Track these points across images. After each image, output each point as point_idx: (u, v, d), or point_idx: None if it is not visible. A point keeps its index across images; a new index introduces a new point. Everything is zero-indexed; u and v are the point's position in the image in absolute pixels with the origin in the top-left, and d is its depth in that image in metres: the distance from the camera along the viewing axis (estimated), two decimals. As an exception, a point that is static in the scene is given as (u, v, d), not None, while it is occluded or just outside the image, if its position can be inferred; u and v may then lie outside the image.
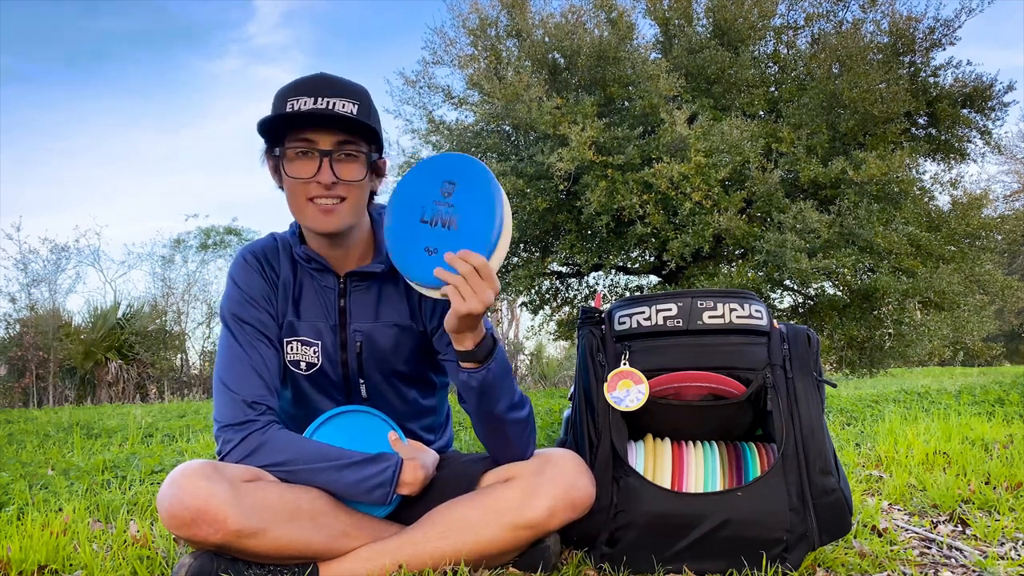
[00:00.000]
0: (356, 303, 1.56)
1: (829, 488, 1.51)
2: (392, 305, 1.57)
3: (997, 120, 9.34)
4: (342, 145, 1.44)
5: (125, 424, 5.22)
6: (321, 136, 1.43)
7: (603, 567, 1.53)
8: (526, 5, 9.36)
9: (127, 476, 2.78)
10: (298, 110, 1.40)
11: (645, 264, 10.15)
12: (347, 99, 1.42)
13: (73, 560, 1.64)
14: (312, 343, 1.55)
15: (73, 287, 20.51)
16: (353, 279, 1.56)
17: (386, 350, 1.56)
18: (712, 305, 1.57)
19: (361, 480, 1.43)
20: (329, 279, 1.56)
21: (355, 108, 1.42)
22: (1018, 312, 18.67)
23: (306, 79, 1.44)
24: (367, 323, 1.55)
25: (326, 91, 1.41)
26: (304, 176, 1.44)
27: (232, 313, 1.53)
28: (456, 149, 9.57)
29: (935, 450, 2.95)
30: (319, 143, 1.43)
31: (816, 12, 9.66)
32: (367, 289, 1.57)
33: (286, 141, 1.44)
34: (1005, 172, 21.09)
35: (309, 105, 1.40)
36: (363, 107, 1.44)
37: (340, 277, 1.56)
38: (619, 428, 1.56)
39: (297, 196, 1.46)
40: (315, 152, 1.43)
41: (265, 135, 1.47)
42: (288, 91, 1.43)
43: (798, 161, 8.57)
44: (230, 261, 1.69)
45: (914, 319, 8.88)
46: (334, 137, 1.43)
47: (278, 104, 1.43)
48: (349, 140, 1.44)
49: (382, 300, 1.57)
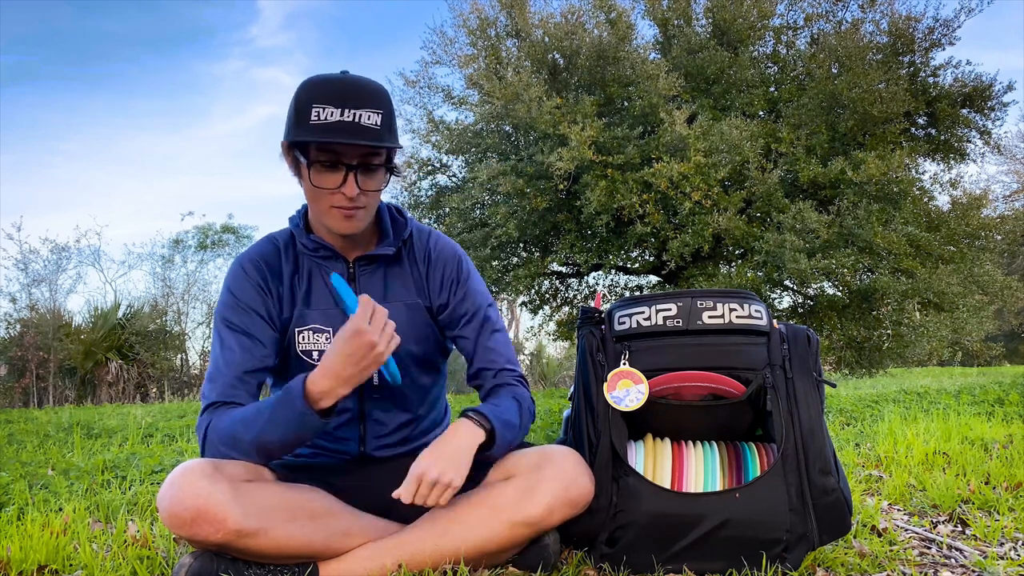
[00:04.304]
0: (364, 286, 1.59)
1: (829, 488, 1.51)
2: (399, 283, 1.61)
3: (996, 120, 9.35)
4: (367, 157, 1.45)
5: (125, 424, 5.22)
6: (347, 149, 1.43)
7: (603, 567, 1.53)
8: (526, 5, 9.36)
9: (127, 476, 2.78)
10: (325, 120, 1.40)
11: (645, 264, 10.16)
12: (372, 110, 1.42)
13: (73, 560, 1.65)
14: (323, 330, 1.57)
15: (73, 287, 20.53)
16: (361, 263, 1.59)
17: (399, 330, 1.57)
18: (712, 305, 1.57)
19: (289, 421, 1.39)
20: (339, 265, 1.59)
21: (379, 119, 1.42)
22: (1017, 312, 18.67)
23: (331, 82, 1.43)
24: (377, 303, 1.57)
25: (352, 100, 1.40)
26: (329, 187, 1.45)
27: (223, 318, 1.54)
28: (456, 149, 9.58)
29: (935, 450, 2.95)
30: (344, 158, 1.44)
31: (815, 12, 9.67)
32: (374, 271, 1.60)
33: (311, 150, 1.45)
34: (1005, 172, 21.13)
35: (336, 116, 1.39)
36: (386, 116, 1.44)
37: (349, 263, 1.59)
38: (619, 428, 1.56)
39: (320, 202, 1.48)
40: (341, 164, 1.44)
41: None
42: (314, 96, 1.41)
43: (797, 161, 8.58)
44: (229, 260, 1.70)
45: (913, 319, 8.88)
46: (359, 151, 1.44)
47: (302, 108, 1.42)
48: (373, 153, 1.45)
49: (389, 280, 1.61)
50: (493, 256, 9.33)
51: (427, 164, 10.04)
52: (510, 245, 9.79)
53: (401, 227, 1.63)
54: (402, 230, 1.63)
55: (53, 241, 13.74)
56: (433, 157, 10.05)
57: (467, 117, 9.84)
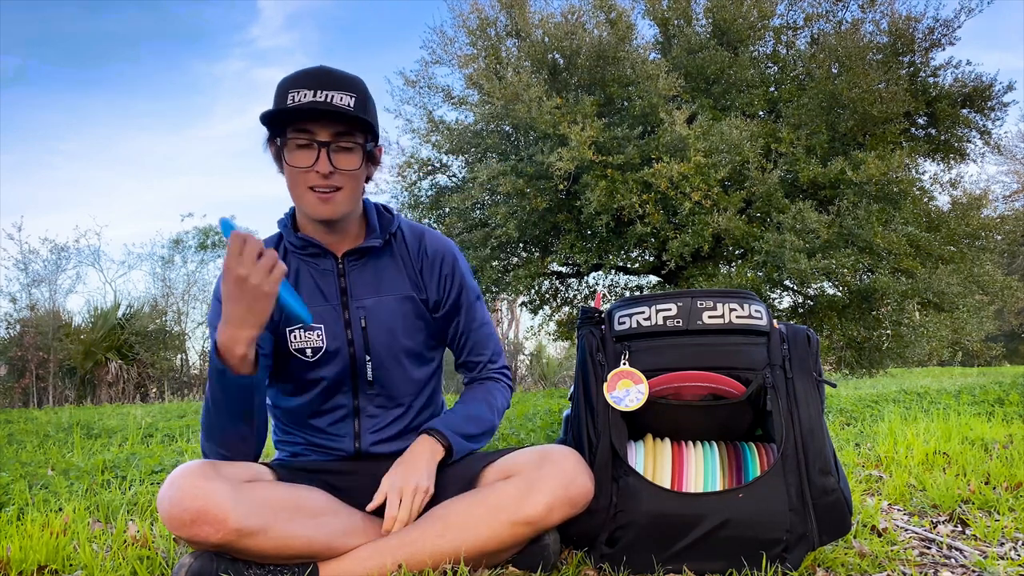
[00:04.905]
0: (356, 280, 1.60)
1: (829, 488, 1.51)
2: (392, 277, 1.63)
3: (996, 120, 9.35)
4: (339, 136, 1.49)
5: (125, 424, 5.22)
6: (319, 128, 1.48)
7: (603, 567, 1.53)
8: (526, 5, 9.36)
9: (127, 476, 2.78)
10: (298, 103, 1.46)
11: (645, 264, 10.16)
12: (344, 92, 1.48)
13: (73, 560, 1.65)
14: (314, 327, 1.58)
15: (73, 287, 20.55)
16: (350, 257, 1.61)
17: (390, 323, 1.60)
18: (712, 305, 1.57)
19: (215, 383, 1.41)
20: (327, 262, 1.60)
21: (352, 101, 1.48)
22: (1018, 312, 18.68)
23: (307, 71, 1.50)
24: (370, 298, 1.60)
25: (325, 84, 1.47)
26: (303, 166, 1.49)
27: (213, 325, 1.55)
28: (456, 149, 9.57)
29: (935, 450, 2.95)
30: (318, 135, 1.49)
31: (815, 12, 9.66)
32: (364, 265, 1.62)
33: (287, 132, 1.50)
34: (1005, 172, 21.13)
35: (309, 98, 1.46)
36: (360, 99, 1.50)
37: (339, 258, 1.61)
38: (619, 428, 1.56)
39: (297, 184, 1.52)
40: (314, 143, 1.49)
41: (268, 125, 1.53)
42: (289, 83, 1.49)
43: (797, 161, 8.58)
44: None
45: (913, 320, 8.88)
46: (332, 129, 1.49)
47: (280, 95, 1.49)
48: (346, 132, 1.50)
49: (380, 273, 1.62)
50: (493, 256, 9.33)
51: (427, 164, 10.04)
52: (510, 245, 9.79)
53: (388, 222, 1.66)
54: (388, 224, 1.65)
55: (53, 241, 13.76)
56: (433, 157, 10.04)
57: (467, 117, 9.84)
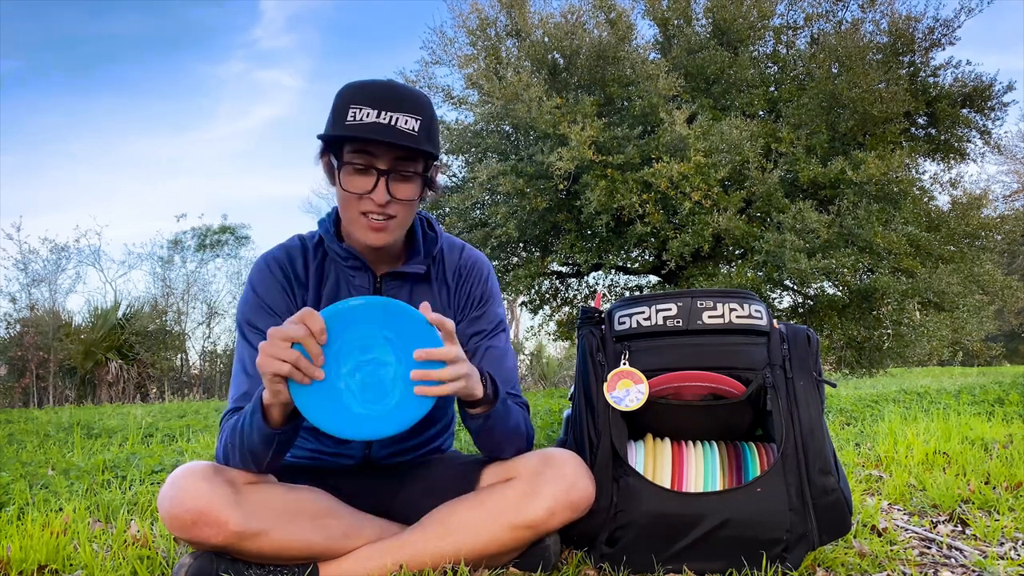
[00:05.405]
0: None
1: (829, 488, 1.51)
2: (425, 301, 1.56)
3: (996, 120, 9.36)
4: (400, 162, 1.42)
5: (125, 424, 5.22)
6: (380, 153, 1.40)
7: (603, 567, 1.53)
8: (526, 5, 9.36)
9: (127, 476, 2.78)
10: (360, 120, 1.36)
11: (645, 264, 10.16)
12: (410, 114, 1.38)
13: (73, 560, 1.65)
14: None
15: (73, 287, 20.53)
16: (388, 279, 1.56)
17: None
18: (712, 305, 1.57)
19: (251, 432, 1.35)
20: (365, 278, 1.55)
21: (417, 124, 1.38)
22: (1018, 312, 18.68)
23: (372, 86, 1.40)
24: None
25: (390, 104, 1.37)
26: (359, 191, 1.42)
27: (246, 320, 1.52)
28: (456, 149, 9.57)
29: (935, 450, 2.95)
30: (377, 161, 1.40)
31: (815, 12, 9.67)
32: (399, 288, 1.57)
33: (345, 151, 1.42)
34: (1005, 172, 21.14)
35: (371, 118, 1.36)
36: (424, 122, 1.40)
37: (377, 277, 1.56)
38: (619, 428, 1.56)
39: (350, 208, 1.45)
40: (373, 169, 1.41)
41: (324, 138, 1.45)
42: (352, 96, 1.39)
43: (797, 161, 8.58)
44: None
45: (913, 319, 8.89)
46: (393, 154, 1.40)
47: (339, 107, 1.39)
48: (408, 158, 1.42)
49: (415, 297, 1.57)
50: (493, 256, 9.34)
51: (427, 164, 10.03)
52: (510, 245, 9.79)
53: (432, 243, 1.59)
54: (432, 246, 1.59)
55: (53, 241, 13.71)
56: (433, 157, 10.04)
57: (467, 117, 9.84)
